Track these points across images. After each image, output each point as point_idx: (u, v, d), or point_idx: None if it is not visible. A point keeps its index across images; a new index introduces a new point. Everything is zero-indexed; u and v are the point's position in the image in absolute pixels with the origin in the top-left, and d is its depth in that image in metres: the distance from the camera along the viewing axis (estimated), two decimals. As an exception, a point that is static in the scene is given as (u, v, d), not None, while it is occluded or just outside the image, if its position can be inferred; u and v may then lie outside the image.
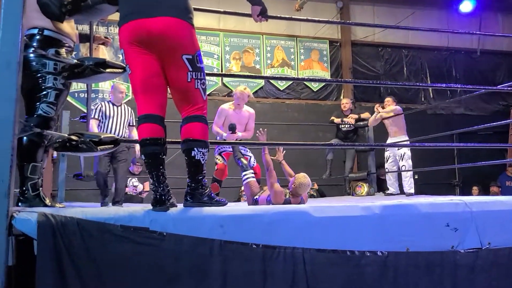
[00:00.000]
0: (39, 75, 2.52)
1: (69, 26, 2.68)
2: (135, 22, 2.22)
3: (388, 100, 6.85)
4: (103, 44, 3.48)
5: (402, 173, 6.42)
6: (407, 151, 6.38)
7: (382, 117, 6.69)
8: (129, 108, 5.27)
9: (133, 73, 2.29)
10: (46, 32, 2.56)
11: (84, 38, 3.24)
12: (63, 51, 2.60)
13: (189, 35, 2.28)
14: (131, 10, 2.25)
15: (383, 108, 6.80)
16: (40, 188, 2.57)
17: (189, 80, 2.30)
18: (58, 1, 2.45)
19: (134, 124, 5.26)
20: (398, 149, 6.42)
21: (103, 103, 5.18)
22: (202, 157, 2.33)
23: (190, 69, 2.29)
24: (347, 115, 7.07)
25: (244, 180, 4.34)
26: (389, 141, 6.68)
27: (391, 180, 6.66)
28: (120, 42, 2.32)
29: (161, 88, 2.32)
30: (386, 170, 6.67)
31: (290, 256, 2.14)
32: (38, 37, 2.54)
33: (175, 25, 2.22)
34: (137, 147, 5.23)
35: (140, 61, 2.25)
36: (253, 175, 4.36)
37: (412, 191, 6.33)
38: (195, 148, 2.31)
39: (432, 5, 10.13)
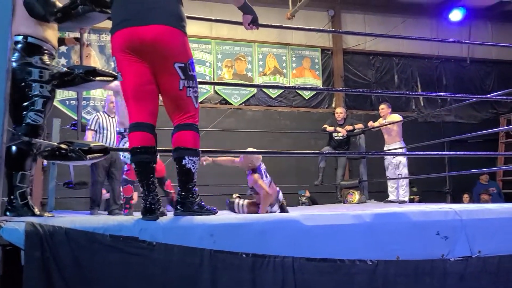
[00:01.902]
0: (24, 84, 2.48)
1: (52, 33, 2.65)
2: (127, 30, 2.21)
3: (383, 108, 6.86)
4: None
5: (398, 181, 6.45)
6: (402, 160, 6.43)
7: (383, 125, 6.73)
8: None
9: (125, 81, 2.28)
10: (30, 40, 2.52)
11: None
12: (46, 58, 2.57)
13: (181, 43, 2.27)
14: (124, 18, 2.24)
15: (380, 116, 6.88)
16: (29, 197, 2.54)
17: (181, 88, 2.29)
18: (43, 1, 2.44)
19: None
20: (393, 158, 6.47)
21: (99, 114, 5.31)
22: (193, 166, 2.32)
23: (182, 77, 2.28)
24: (341, 124, 7.08)
25: None
26: (385, 148, 6.74)
27: (392, 188, 6.71)
28: (112, 49, 2.31)
29: (153, 96, 2.31)
30: (388, 178, 6.71)
31: (280, 265, 2.13)
32: (21, 44, 2.50)
33: (167, 33, 2.22)
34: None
35: (132, 68, 2.24)
36: None
37: (407, 199, 6.41)
38: (186, 157, 2.30)
39: (423, 14, 10.23)
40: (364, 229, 2.35)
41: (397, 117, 6.75)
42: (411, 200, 6.71)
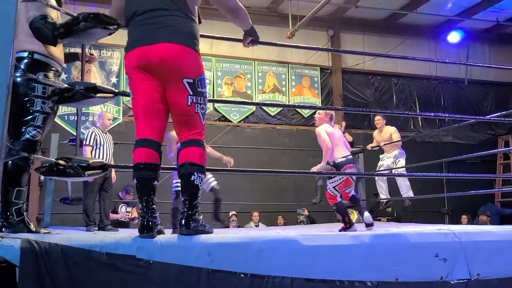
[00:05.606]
0: (26, 98, 2.49)
1: (58, 50, 2.67)
2: (138, 50, 2.27)
3: (379, 119, 7.01)
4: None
5: (399, 178, 6.54)
6: (401, 160, 6.60)
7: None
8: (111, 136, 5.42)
9: (136, 98, 2.31)
10: (36, 56, 2.54)
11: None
12: (51, 74, 2.58)
13: (190, 59, 2.29)
14: (136, 38, 2.30)
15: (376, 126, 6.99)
16: (25, 213, 2.52)
17: (189, 103, 2.30)
18: (51, 25, 2.45)
19: None
20: (392, 162, 6.62)
21: (95, 130, 5.21)
22: (200, 183, 2.29)
23: (191, 93, 2.29)
24: None
25: None
26: (384, 155, 6.92)
27: (382, 188, 6.86)
28: (125, 67, 2.38)
29: (161, 114, 2.33)
30: (376, 178, 6.83)
31: (279, 285, 2.11)
32: (26, 60, 2.51)
33: (174, 50, 2.24)
34: (113, 173, 5.26)
35: (143, 87, 2.28)
36: None
37: (411, 193, 6.53)
38: (195, 173, 2.27)
39: (421, 35, 10.34)
40: (363, 250, 2.33)
41: (391, 129, 6.91)
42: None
